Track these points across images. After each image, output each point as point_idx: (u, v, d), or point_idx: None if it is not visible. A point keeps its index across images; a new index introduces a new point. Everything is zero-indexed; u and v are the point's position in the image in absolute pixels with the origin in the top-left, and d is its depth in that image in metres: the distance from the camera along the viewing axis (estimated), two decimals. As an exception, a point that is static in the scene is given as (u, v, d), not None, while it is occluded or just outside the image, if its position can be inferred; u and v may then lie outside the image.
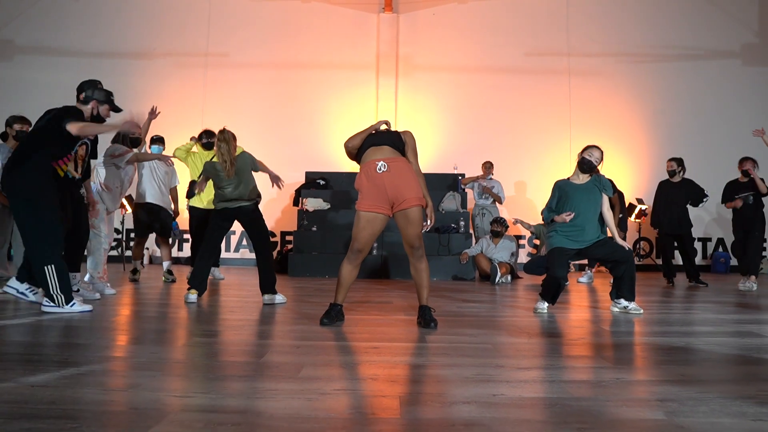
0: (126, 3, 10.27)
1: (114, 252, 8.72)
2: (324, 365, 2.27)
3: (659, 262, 8.26)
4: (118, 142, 5.11)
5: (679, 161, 6.89)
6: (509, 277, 6.94)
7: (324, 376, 2.09)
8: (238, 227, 8.94)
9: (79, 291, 4.24)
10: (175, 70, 10.17)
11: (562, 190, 4.16)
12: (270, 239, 4.53)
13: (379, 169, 3.14)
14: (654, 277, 7.97)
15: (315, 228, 8.11)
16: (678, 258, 7.19)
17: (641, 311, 3.99)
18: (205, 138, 6.16)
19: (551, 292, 4.01)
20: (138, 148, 5.24)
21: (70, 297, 3.56)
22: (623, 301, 4.05)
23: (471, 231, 8.21)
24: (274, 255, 8.13)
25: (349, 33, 10.31)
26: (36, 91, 9.38)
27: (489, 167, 8.54)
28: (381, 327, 3.29)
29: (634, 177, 9.86)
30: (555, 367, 2.30)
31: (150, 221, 5.98)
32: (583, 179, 4.17)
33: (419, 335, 3.01)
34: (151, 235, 6.31)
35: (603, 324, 3.55)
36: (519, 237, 9.36)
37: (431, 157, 9.66)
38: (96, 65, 9.54)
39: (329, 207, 8.37)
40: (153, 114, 5.46)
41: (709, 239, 10.01)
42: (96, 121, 3.85)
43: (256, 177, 4.44)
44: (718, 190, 7.02)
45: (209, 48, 10.25)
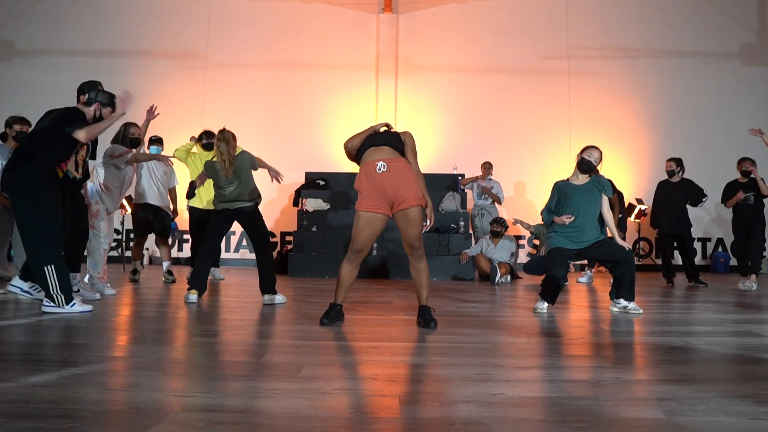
0: (126, 3, 10.28)
1: (114, 252, 8.73)
2: (324, 365, 2.28)
3: (659, 262, 8.27)
4: (117, 142, 5.11)
5: (678, 161, 6.90)
6: (509, 277, 6.95)
7: (324, 375, 2.10)
8: (238, 227, 8.95)
9: (79, 291, 4.26)
10: (175, 70, 10.17)
11: (561, 191, 4.16)
12: (270, 240, 4.54)
13: (379, 169, 3.14)
14: (654, 277, 7.97)
15: (315, 228, 8.12)
16: (678, 258, 7.20)
17: (641, 311, 4.00)
18: (205, 138, 6.18)
19: (550, 291, 4.02)
20: (137, 148, 5.24)
21: (70, 297, 3.57)
22: (623, 301, 4.06)
23: (470, 231, 8.22)
24: (274, 255, 8.15)
25: (349, 33, 10.32)
26: (36, 92, 9.40)
27: (488, 168, 8.55)
28: (381, 327, 3.30)
29: (633, 177, 9.86)
30: (554, 367, 2.31)
31: (149, 222, 5.99)
32: (583, 180, 4.17)
33: (419, 335, 3.01)
34: (151, 236, 6.32)
35: (602, 324, 3.55)
36: (519, 237, 9.37)
37: (431, 158, 9.67)
38: (96, 65, 9.56)
39: (329, 207, 8.37)
40: (151, 114, 5.45)
41: (709, 239, 10.02)
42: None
43: (256, 177, 4.45)
44: (717, 189, 7.03)
45: (209, 48, 10.25)
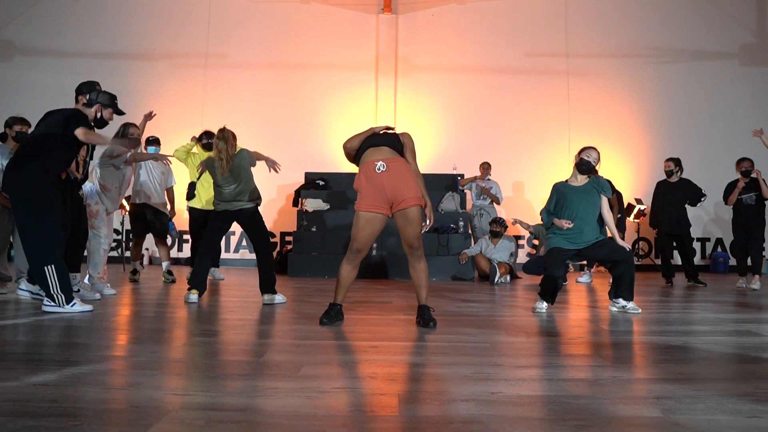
0: (126, 3, 10.29)
1: (114, 253, 8.73)
2: (323, 364, 2.28)
3: (658, 262, 8.28)
4: (116, 142, 5.12)
5: (677, 161, 6.91)
6: (508, 277, 6.96)
7: (323, 374, 2.11)
8: (238, 227, 8.95)
9: (80, 291, 4.27)
10: (175, 70, 10.19)
11: (560, 192, 4.18)
12: (270, 240, 4.55)
13: (378, 169, 3.14)
14: (653, 277, 7.98)
15: (314, 228, 8.13)
16: (677, 258, 7.21)
17: (639, 311, 4.01)
18: (206, 138, 6.19)
19: (549, 291, 4.03)
20: (135, 148, 5.25)
21: (70, 297, 3.58)
22: (622, 301, 4.07)
23: (469, 232, 8.23)
24: (273, 255, 8.16)
25: (349, 34, 10.33)
26: (36, 92, 9.41)
27: (487, 168, 8.55)
28: (380, 326, 3.31)
29: (632, 177, 9.87)
30: (553, 366, 2.32)
31: (146, 222, 6.00)
32: (582, 181, 4.19)
33: (418, 334, 3.02)
34: (150, 236, 6.32)
35: (601, 323, 3.56)
36: (518, 237, 9.38)
37: (430, 158, 9.68)
38: (96, 66, 9.57)
39: (329, 207, 8.38)
40: (149, 117, 5.51)
41: (708, 239, 10.03)
42: (99, 124, 3.87)
43: (255, 178, 4.45)
44: (716, 189, 7.04)
45: (209, 48, 10.26)
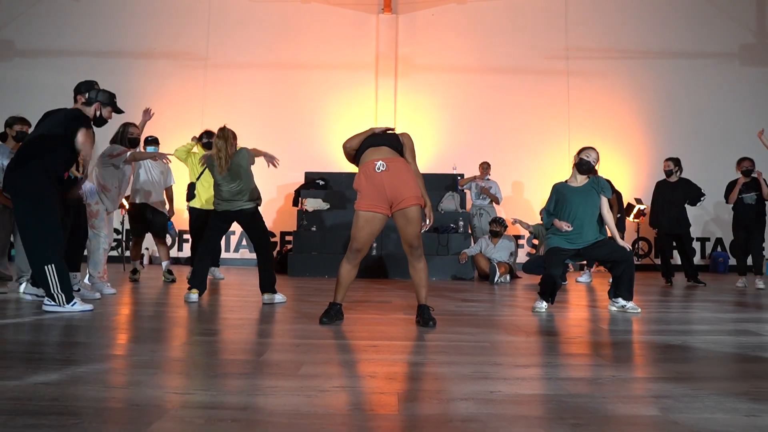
0: (126, 3, 10.30)
1: (114, 252, 8.74)
2: (323, 363, 2.29)
3: (658, 261, 8.29)
4: (116, 142, 5.13)
5: (676, 161, 6.92)
6: (508, 277, 6.96)
7: (323, 373, 2.11)
8: (238, 227, 8.96)
9: (80, 290, 4.27)
10: (175, 70, 10.20)
11: (559, 193, 4.19)
12: (270, 239, 4.55)
13: (378, 169, 3.15)
14: (653, 277, 7.99)
15: (314, 228, 8.14)
16: (677, 258, 7.22)
17: (638, 310, 4.02)
18: (206, 138, 6.19)
19: (548, 290, 4.04)
20: (135, 148, 5.26)
21: (70, 296, 3.58)
22: (621, 300, 4.08)
23: (469, 231, 8.23)
24: (274, 255, 8.16)
25: (349, 33, 10.34)
26: (36, 92, 9.42)
27: (486, 168, 8.56)
28: (380, 326, 3.31)
29: (632, 177, 9.88)
30: (552, 365, 2.32)
31: (145, 222, 6.00)
32: (581, 182, 4.20)
33: (418, 334, 3.03)
34: (150, 236, 6.33)
35: (601, 323, 3.57)
36: (518, 237, 9.39)
37: (430, 158, 9.69)
38: (96, 65, 9.58)
39: (328, 207, 8.39)
40: (148, 115, 5.50)
41: (708, 239, 10.04)
42: (98, 123, 3.88)
43: (256, 177, 4.45)
44: (715, 189, 7.05)
45: (209, 48, 10.27)
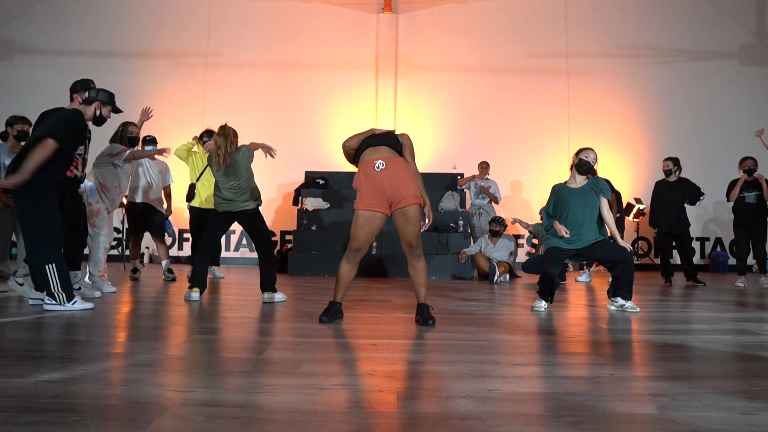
0: (126, 3, 10.31)
1: (114, 251, 8.75)
2: (323, 361, 2.30)
3: (657, 261, 8.30)
4: (116, 141, 5.14)
5: (675, 161, 6.93)
6: (508, 276, 6.97)
7: (323, 371, 2.12)
8: (238, 226, 8.97)
9: (81, 289, 4.28)
10: (175, 70, 10.21)
11: (558, 194, 4.21)
12: (271, 239, 4.56)
13: (378, 167, 3.16)
14: (652, 277, 8.00)
15: (314, 227, 8.15)
16: (676, 257, 7.23)
17: (637, 309, 4.03)
18: (207, 137, 6.19)
19: (547, 289, 4.06)
20: (134, 147, 5.27)
21: (71, 295, 3.60)
22: (620, 300, 4.09)
23: (469, 231, 8.24)
24: (275, 254, 8.17)
25: (349, 33, 10.34)
26: (37, 92, 9.42)
27: (485, 167, 8.56)
28: (379, 324, 3.32)
29: (632, 176, 9.89)
30: (551, 364, 2.33)
31: (143, 221, 6.01)
32: (580, 182, 4.21)
33: (417, 332, 3.04)
34: (148, 234, 6.33)
35: (600, 322, 3.58)
36: (518, 236, 9.39)
37: (430, 157, 9.69)
38: (96, 65, 9.59)
39: (329, 206, 8.40)
40: (146, 114, 5.52)
41: (707, 239, 10.05)
42: (98, 122, 3.89)
43: (256, 177, 4.46)
44: (714, 189, 7.06)
45: (209, 48, 10.28)
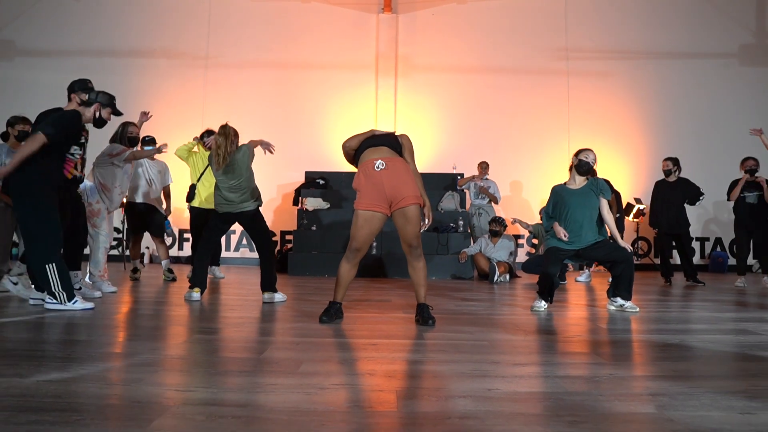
0: (126, 3, 10.31)
1: (114, 251, 8.76)
2: (323, 361, 2.31)
3: (657, 261, 8.30)
4: (116, 141, 5.15)
5: (675, 161, 6.93)
6: (508, 276, 6.97)
7: (323, 371, 2.13)
8: (238, 226, 8.97)
9: (81, 289, 4.29)
10: (175, 70, 10.21)
11: (558, 195, 4.22)
12: (271, 239, 4.57)
13: (377, 167, 3.16)
14: (652, 277, 8.00)
15: (314, 227, 8.15)
16: (676, 257, 7.24)
17: (637, 309, 4.03)
18: (207, 137, 6.20)
19: (546, 288, 4.07)
20: (134, 147, 5.28)
21: (71, 294, 3.60)
22: (620, 300, 4.10)
23: (468, 231, 8.24)
24: (275, 254, 8.18)
25: (349, 33, 10.34)
26: (37, 91, 9.41)
27: (485, 167, 8.56)
28: (379, 324, 3.33)
29: (631, 177, 9.89)
30: (550, 363, 2.34)
31: (143, 221, 6.01)
32: (580, 183, 4.22)
33: (417, 332, 3.05)
34: (148, 234, 6.33)
35: (599, 322, 3.58)
36: (517, 236, 9.39)
37: (430, 157, 9.69)
38: (97, 65, 9.59)
39: (329, 206, 8.41)
40: (145, 117, 5.55)
41: (708, 239, 10.05)
42: (98, 124, 3.89)
43: (256, 177, 4.46)
44: (715, 189, 7.07)
45: (209, 48, 10.28)
